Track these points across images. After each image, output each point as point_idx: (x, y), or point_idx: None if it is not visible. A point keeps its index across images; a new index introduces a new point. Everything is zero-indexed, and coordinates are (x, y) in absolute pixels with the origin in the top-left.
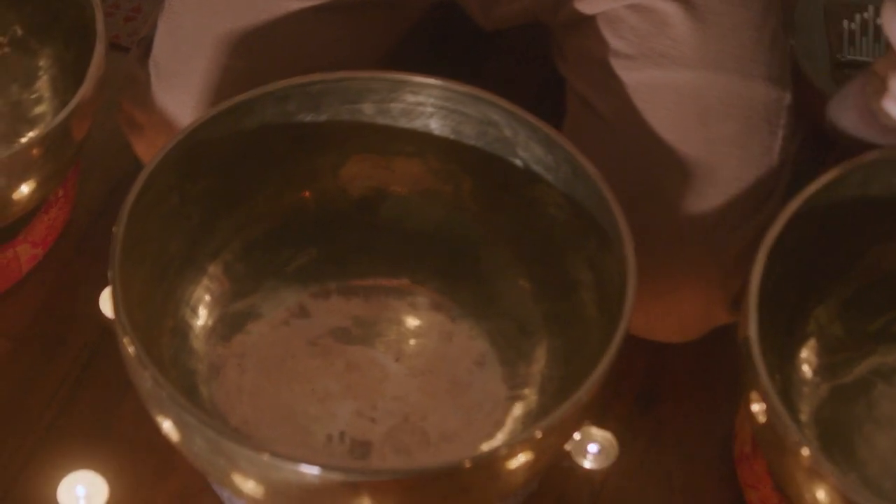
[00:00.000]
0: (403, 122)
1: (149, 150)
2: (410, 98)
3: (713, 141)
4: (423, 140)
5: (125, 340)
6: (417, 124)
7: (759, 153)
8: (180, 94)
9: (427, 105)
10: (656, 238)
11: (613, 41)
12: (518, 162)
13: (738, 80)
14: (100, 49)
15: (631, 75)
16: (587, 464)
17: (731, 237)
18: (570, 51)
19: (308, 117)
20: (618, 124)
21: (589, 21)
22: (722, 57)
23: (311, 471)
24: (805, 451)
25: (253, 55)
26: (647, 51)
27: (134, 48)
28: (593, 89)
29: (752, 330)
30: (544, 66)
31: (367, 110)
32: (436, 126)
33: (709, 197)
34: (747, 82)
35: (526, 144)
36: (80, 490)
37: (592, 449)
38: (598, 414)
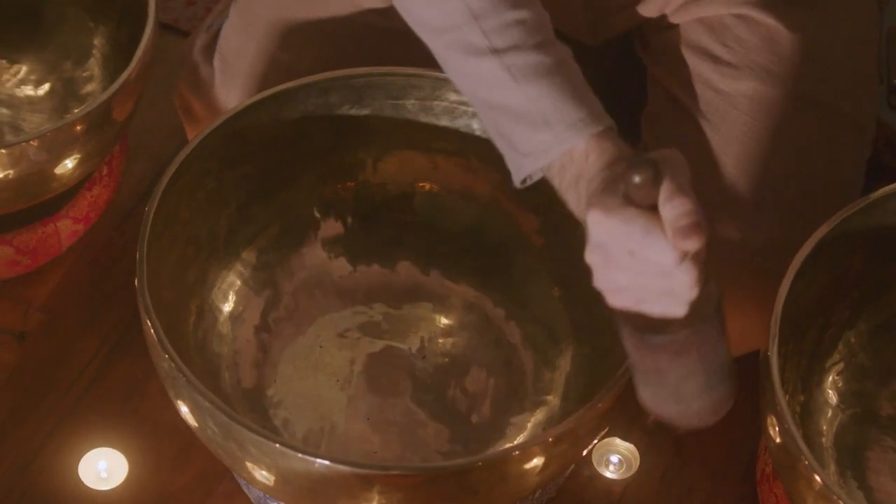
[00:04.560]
0: (445, 121)
1: None
2: (453, 97)
3: (802, 164)
4: (464, 139)
5: (147, 322)
6: (459, 123)
7: (842, 184)
8: (243, 94)
9: (469, 105)
10: (725, 245)
11: (715, 47)
12: None
13: (835, 110)
14: (148, 33)
15: (730, 83)
16: (608, 474)
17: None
18: (658, 45)
19: (350, 110)
20: (707, 124)
21: (685, 23)
22: (824, 84)
23: (321, 462)
24: (816, 476)
25: (320, 63)
26: (750, 63)
27: (202, 34)
28: (681, 86)
29: (773, 349)
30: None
31: (410, 107)
32: (477, 126)
33: (786, 216)
34: (843, 114)
35: None
36: (102, 466)
37: (614, 459)
38: (623, 425)
